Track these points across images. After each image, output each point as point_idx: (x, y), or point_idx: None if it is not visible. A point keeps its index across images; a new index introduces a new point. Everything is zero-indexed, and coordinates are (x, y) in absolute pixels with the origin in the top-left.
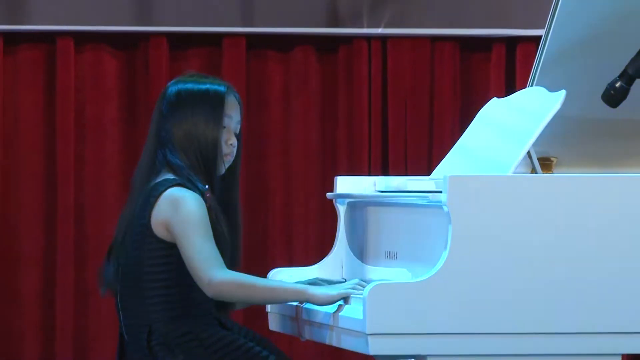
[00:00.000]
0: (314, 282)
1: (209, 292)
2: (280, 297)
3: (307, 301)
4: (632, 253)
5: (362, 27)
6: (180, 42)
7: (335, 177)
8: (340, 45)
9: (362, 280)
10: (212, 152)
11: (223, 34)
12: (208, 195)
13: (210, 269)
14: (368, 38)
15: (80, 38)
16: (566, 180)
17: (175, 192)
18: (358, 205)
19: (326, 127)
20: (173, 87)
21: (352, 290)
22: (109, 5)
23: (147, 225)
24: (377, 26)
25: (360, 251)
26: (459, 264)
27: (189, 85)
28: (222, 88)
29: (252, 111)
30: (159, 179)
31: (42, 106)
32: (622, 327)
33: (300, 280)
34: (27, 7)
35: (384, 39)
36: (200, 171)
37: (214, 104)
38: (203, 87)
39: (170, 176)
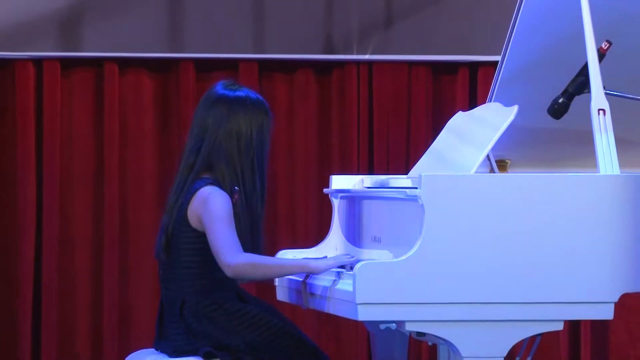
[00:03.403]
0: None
1: (229, 273)
2: (289, 272)
3: (311, 272)
4: (573, 237)
5: (352, 54)
6: (205, 66)
7: (331, 175)
8: (334, 68)
9: (352, 258)
10: (259, 168)
11: (239, 60)
12: (236, 196)
13: (230, 255)
14: (357, 63)
15: (123, 63)
16: (518, 178)
17: (207, 190)
18: (349, 198)
19: (323, 135)
20: (227, 97)
21: (344, 259)
22: (146, 36)
23: (184, 217)
24: (365, 53)
25: (351, 236)
26: (431, 247)
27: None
28: (267, 108)
29: None
30: (197, 178)
31: (92, 119)
32: (564, 298)
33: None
34: (80, 37)
35: (370, 63)
36: (236, 176)
37: (266, 123)
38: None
39: (206, 175)
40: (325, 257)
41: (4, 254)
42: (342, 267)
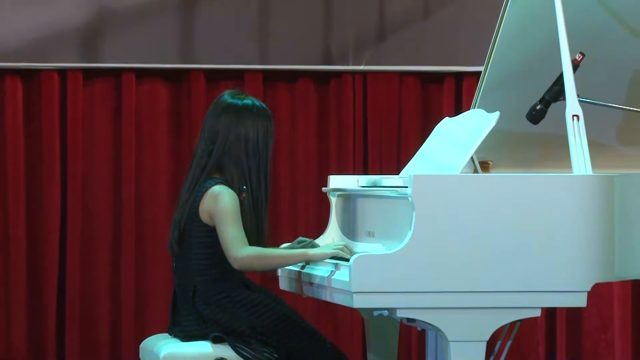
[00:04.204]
0: (301, 241)
1: (236, 265)
2: (289, 261)
3: (310, 260)
4: (549, 232)
5: (348, 65)
6: (214, 76)
7: (329, 175)
8: (332, 78)
9: (347, 248)
10: (264, 169)
11: (245, 70)
12: (244, 195)
13: (236, 249)
14: (353, 73)
15: (140, 73)
16: (500, 178)
17: (217, 189)
18: (345, 196)
19: (321, 138)
20: (235, 105)
21: (339, 251)
22: (161, 48)
23: (196, 213)
24: (359, 64)
25: (347, 230)
26: (420, 240)
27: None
28: (270, 114)
29: None
30: (208, 178)
31: (111, 124)
32: (541, 287)
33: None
34: (100, 50)
35: (364, 73)
36: (244, 176)
37: (270, 129)
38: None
39: (217, 175)
40: (329, 244)
41: (32, 248)
42: (340, 259)
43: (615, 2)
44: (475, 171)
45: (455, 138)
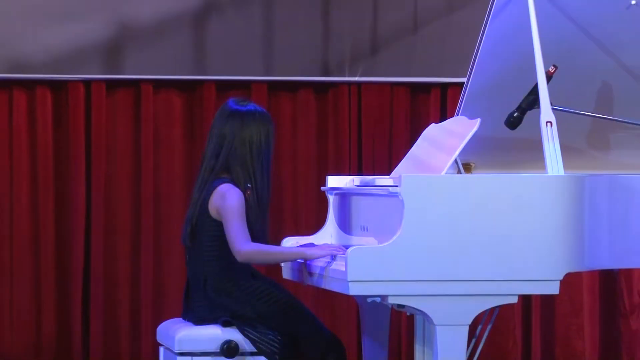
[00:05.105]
0: (310, 244)
1: (239, 258)
2: (288, 258)
3: (306, 258)
4: (525, 226)
5: (344, 76)
6: (224, 86)
7: (327, 176)
8: (330, 88)
9: (343, 245)
10: (266, 168)
11: (252, 81)
12: (249, 192)
13: (239, 243)
14: (348, 84)
15: (157, 84)
16: (481, 178)
17: (224, 188)
18: (342, 195)
19: (320, 143)
20: (240, 111)
21: (333, 251)
22: (176, 61)
23: (206, 210)
24: (355, 75)
25: (343, 226)
26: (409, 234)
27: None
28: (271, 119)
29: None
30: (216, 177)
31: (131, 129)
32: (518, 276)
33: (301, 245)
34: (121, 62)
35: (359, 84)
36: (249, 175)
37: (271, 132)
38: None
39: (224, 175)
40: (326, 244)
41: (60, 241)
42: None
43: (585, 20)
44: (459, 172)
45: (441, 142)
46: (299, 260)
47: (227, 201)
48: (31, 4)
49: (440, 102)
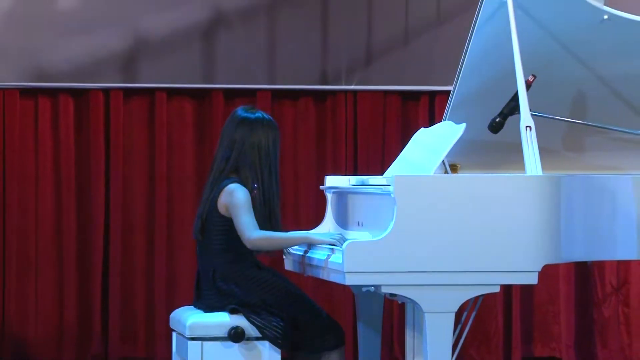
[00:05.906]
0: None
1: (249, 246)
2: (294, 242)
3: (311, 242)
4: (506, 221)
5: (341, 84)
6: (231, 94)
7: (325, 176)
8: (328, 96)
9: (341, 236)
10: (274, 170)
11: (257, 89)
12: (255, 192)
13: (249, 232)
14: (345, 92)
15: (170, 92)
16: (466, 178)
17: (232, 186)
18: (339, 193)
19: (319, 146)
20: (249, 118)
21: (335, 241)
22: (187, 71)
23: (215, 207)
24: (351, 84)
25: (340, 221)
26: (401, 229)
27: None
28: (277, 125)
29: None
30: (225, 178)
31: (147, 134)
32: (500, 267)
33: None
34: (137, 72)
35: (355, 92)
36: (257, 177)
37: (277, 137)
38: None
39: (233, 176)
40: (329, 232)
41: (81, 237)
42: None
43: (562, 34)
44: (446, 172)
45: (429, 145)
46: (299, 252)
47: (235, 197)
48: (55, 19)
49: (429, 109)
